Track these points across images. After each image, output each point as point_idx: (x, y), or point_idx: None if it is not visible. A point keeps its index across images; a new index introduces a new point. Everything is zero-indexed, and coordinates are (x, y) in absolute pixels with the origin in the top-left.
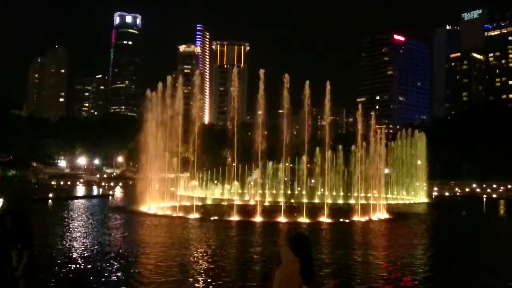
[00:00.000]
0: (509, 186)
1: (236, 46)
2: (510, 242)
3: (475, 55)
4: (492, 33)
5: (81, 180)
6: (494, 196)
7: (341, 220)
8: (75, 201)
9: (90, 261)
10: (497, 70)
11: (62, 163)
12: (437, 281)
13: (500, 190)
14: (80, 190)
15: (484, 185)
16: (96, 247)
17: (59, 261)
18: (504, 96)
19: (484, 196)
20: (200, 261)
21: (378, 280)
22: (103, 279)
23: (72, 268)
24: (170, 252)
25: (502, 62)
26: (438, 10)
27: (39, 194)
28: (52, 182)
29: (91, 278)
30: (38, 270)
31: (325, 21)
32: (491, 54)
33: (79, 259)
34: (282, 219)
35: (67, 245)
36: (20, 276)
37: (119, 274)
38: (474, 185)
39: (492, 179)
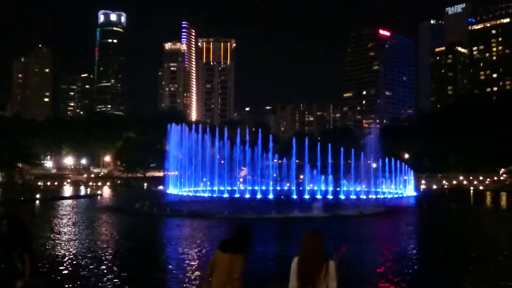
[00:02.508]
0: (495, 178)
1: (222, 43)
2: (501, 235)
3: (459, 49)
4: (476, 27)
5: (68, 180)
6: (481, 188)
7: (333, 214)
8: (63, 201)
9: (80, 264)
10: (481, 64)
11: (49, 163)
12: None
13: (487, 182)
14: (68, 190)
15: (471, 178)
16: (85, 249)
17: (48, 264)
18: (488, 89)
19: (471, 188)
20: (191, 259)
21: (374, 273)
22: (95, 282)
23: (63, 271)
24: (161, 251)
25: (486, 56)
26: (422, 4)
27: (26, 195)
28: (39, 183)
29: (82, 281)
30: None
31: (311, 16)
32: (475, 48)
33: (69, 261)
34: (273, 214)
35: (55, 247)
36: (29, 278)
37: (110, 277)
38: (461, 178)
39: (478, 171)
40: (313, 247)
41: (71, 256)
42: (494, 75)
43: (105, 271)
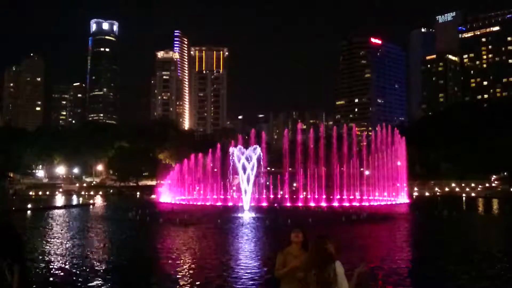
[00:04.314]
0: (487, 185)
1: (214, 52)
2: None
3: (450, 56)
4: (466, 35)
5: (60, 190)
6: (473, 195)
7: (327, 221)
8: (55, 211)
9: (72, 274)
10: (472, 71)
11: (40, 172)
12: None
13: (479, 189)
14: (60, 200)
15: (463, 184)
16: (77, 259)
17: (40, 275)
18: (479, 97)
19: (464, 195)
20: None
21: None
22: None
23: (55, 282)
24: (155, 261)
25: (477, 63)
26: (413, 13)
27: (16, 205)
28: (30, 193)
29: None
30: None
31: (303, 25)
32: (466, 56)
33: (61, 272)
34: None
35: (47, 258)
36: None
37: None
38: (453, 185)
39: (470, 178)
40: None
41: (63, 267)
42: (485, 83)
43: (97, 281)
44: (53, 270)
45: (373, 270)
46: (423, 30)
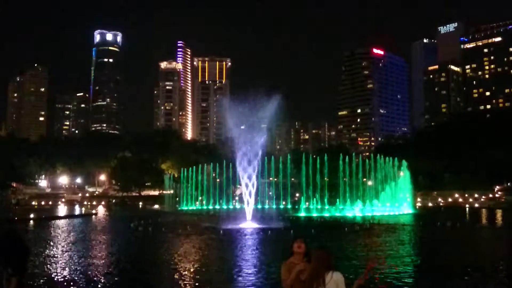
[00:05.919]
0: (490, 195)
1: (217, 62)
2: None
3: (452, 67)
4: (468, 46)
5: (63, 200)
6: (476, 205)
7: (330, 232)
8: (57, 221)
9: (74, 285)
10: (474, 82)
11: (43, 182)
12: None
13: (482, 200)
14: (62, 209)
15: (466, 195)
16: (79, 270)
17: (41, 286)
18: (481, 107)
19: (467, 205)
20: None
21: None
22: None
23: None
24: (157, 272)
25: (479, 74)
26: (415, 24)
27: (19, 215)
28: (33, 203)
29: None
30: None
31: (306, 36)
32: (468, 66)
33: (62, 283)
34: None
35: (48, 268)
36: None
37: None
38: (457, 195)
39: (473, 189)
40: None
41: (63, 277)
42: (487, 93)
43: None
44: (54, 279)
45: (376, 280)
46: (425, 40)
